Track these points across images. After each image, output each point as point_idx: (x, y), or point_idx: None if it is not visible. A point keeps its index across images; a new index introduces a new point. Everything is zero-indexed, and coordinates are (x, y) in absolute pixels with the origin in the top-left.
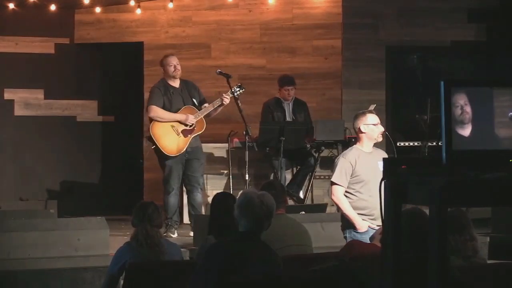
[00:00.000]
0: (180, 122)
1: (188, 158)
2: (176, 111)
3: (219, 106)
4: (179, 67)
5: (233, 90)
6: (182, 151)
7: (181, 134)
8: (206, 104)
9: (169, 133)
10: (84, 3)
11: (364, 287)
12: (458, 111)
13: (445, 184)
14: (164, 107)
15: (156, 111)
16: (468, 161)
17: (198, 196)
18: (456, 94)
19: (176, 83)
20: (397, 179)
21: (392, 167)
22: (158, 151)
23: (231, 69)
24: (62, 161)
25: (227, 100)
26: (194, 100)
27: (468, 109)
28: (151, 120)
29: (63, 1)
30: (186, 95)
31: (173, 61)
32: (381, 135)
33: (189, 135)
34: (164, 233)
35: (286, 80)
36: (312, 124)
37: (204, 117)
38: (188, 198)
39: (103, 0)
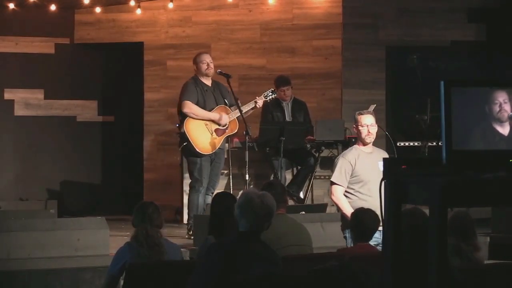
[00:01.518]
0: (213, 121)
1: (214, 158)
2: (208, 110)
3: (252, 108)
4: (212, 65)
5: (266, 94)
6: (214, 151)
7: (214, 133)
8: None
9: (203, 131)
10: (84, 3)
11: (364, 287)
12: (496, 108)
13: (445, 184)
14: (197, 104)
15: (191, 107)
16: (468, 161)
17: (209, 199)
18: (497, 92)
19: (208, 82)
20: (397, 179)
21: (392, 167)
22: (188, 148)
23: (231, 69)
24: (62, 161)
25: (260, 102)
26: (226, 101)
27: (507, 107)
28: (183, 114)
29: (63, 1)
30: (219, 95)
31: (207, 58)
32: (370, 136)
33: (222, 135)
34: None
35: (281, 81)
36: (311, 124)
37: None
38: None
39: (103, 0)
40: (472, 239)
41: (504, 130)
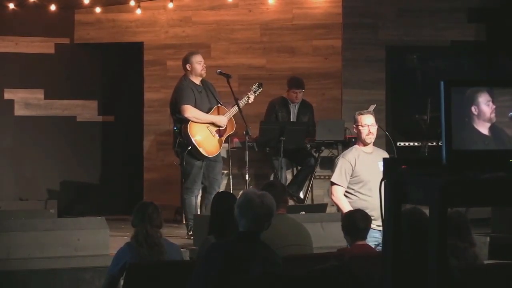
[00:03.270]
0: (213, 123)
1: (213, 159)
2: (204, 111)
3: (244, 104)
4: (204, 65)
5: (254, 90)
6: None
7: (216, 135)
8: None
9: (206, 134)
10: (84, 3)
11: (364, 287)
12: (496, 106)
13: (445, 184)
14: (194, 106)
15: (193, 111)
16: (468, 161)
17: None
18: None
19: (198, 82)
20: (397, 179)
21: (392, 167)
22: (191, 152)
23: (231, 69)
24: (62, 161)
25: (252, 98)
26: (218, 99)
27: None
28: (180, 118)
29: (63, 1)
30: (210, 94)
31: (200, 58)
32: (371, 136)
33: (223, 136)
34: (192, 236)
35: (294, 83)
36: (314, 127)
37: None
38: (205, 199)
39: (103, 0)
40: (467, 237)
41: (503, 130)
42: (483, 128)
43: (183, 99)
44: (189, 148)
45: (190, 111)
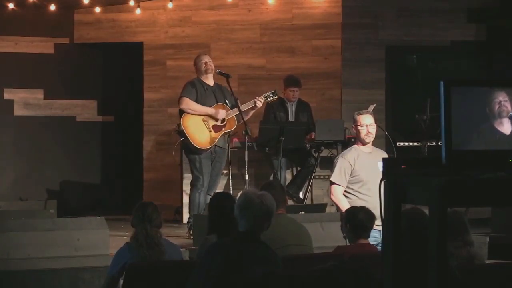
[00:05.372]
0: (211, 116)
1: (214, 157)
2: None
3: (251, 108)
4: (211, 63)
5: (266, 95)
6: (212, 147)
7: (211, 129)
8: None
9: (200, 126)
10: (83, 3)
11: (364, 287)
12: (496, 106)
13: (445, 184)
14: (196, 102)
15: (188, 103)
16: (468, 161)
17: (209, 199)
18: (496, 91)
19: (210, 82)
20: (397, 179)
21: (392, 167)
22: (187, 144)
23: (231, 69)
24: (62, 161)
25: (260, 103)
26: (227, 101)
27: (507, 106)
28: (182, 112)
29: (62, 1)
30: (220, 95)
31: (205, 58)
32: (369, 136)
33: (219, 131)
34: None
35: (291, 81)
36: (313, 127)
37: (237, 118)
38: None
39: (103, 0)
40: (462, 235)
41: (504, 129)
42: (501, 127)
43: (183, 92)
44: (181, 139)
45: (184, 102)
